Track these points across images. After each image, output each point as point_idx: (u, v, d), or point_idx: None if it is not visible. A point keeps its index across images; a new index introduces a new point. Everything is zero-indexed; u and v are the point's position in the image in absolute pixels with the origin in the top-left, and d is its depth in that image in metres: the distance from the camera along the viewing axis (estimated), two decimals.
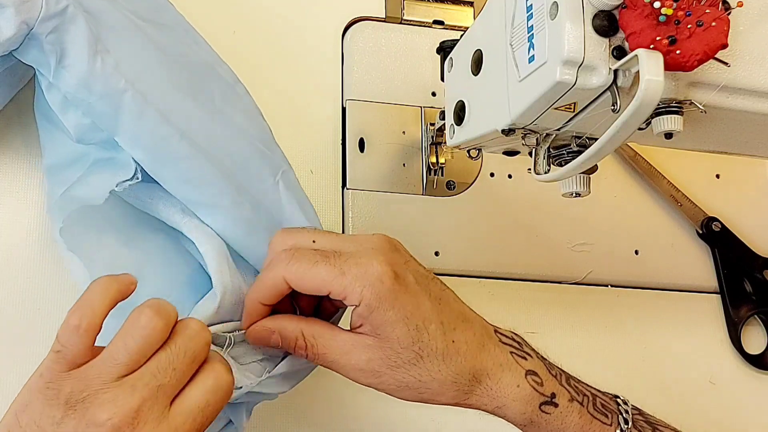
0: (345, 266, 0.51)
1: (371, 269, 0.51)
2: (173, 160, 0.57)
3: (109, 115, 0.56)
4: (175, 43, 0.62)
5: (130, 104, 0.56)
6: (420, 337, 0.52)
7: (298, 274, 0.52)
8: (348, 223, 0.73)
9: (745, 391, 0.78)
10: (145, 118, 0.57)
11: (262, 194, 0.60)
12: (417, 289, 0.53)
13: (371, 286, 0.51)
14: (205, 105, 0.60)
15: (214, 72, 0.64)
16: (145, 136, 0.57)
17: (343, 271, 0.51)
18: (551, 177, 0.56)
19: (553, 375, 0.56)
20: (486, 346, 0.54)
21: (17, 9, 0.54)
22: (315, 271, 0.51)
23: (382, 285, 0.51)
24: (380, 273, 0.51)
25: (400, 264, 0.53)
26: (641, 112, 0.46)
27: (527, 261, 0.77)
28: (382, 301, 0.51)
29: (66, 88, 0.57)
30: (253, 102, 0.65)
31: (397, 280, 0.52)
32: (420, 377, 0.52)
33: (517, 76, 0.53)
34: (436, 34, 0.80)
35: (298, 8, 0.79)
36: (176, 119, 0.58)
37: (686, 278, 0.80)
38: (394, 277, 0.52)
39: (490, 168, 0.78)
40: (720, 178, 0.84)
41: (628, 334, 0.77)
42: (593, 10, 0.48)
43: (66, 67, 0.56)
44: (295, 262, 0.52)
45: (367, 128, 0.77)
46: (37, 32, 0.55)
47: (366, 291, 0.51)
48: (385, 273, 0.51)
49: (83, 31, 0.56)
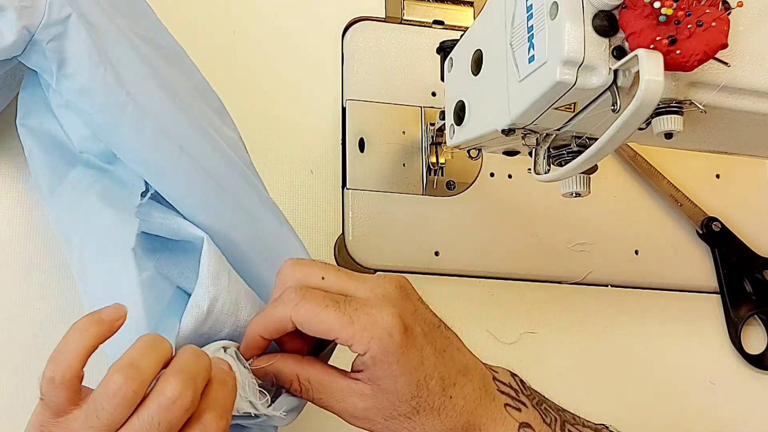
0: (355, 315, 0.50)
1: (381, 321, 0.50)
2: (174, 174, 0.57)
3: (109, 127, 0.56)
4: (171, 66, 0.62)
5: (131, 117, 0.56)
6: (419, 393, 0.52)
7: (307, 317, 0.51)
8: (348, 223, 0.73)
9: (745, 391, 0.78)
10: (146, 132, 0.57)
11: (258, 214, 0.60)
12: (423, 342, 0.52)
13: (379, 339, 0.50)
14: (199, 126, 0.60)
15: (205, 99, 0.64)
16: (146, 149, 0.57)
17: (352, 320, 0.50)
18: (551, 177, 0.56)
19: (547, 423, 0.56)
20: (483, 400, 0.54)
21: (19, 13, 0.54)
22: (323, 316, 0.50)
23: (391, 339, 0.50)
24: (390, 326, 0.50)
25: (409, 314, 0.52)
26: (641, 112, 0.46)
27: (527, 261, 0.77)
28: (388, 355, 0.50)
29: (68, 96, 0.57)
30: (237, 133, 0.65)
31: (406, 334, 0.51)
32: (413, 430, 0.52)
33: (517, 76, 0.53)
34: (436, 34, 0.80)
35: (298, 8, 0.79)
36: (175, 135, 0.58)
37: (686, 278, 0.80)
38: (403, 330, 0.51)
39: (490, 168, 0.78)
40: (720, 178, 0.84)
41: (628, 334, 0.77)
42: (593, 10, 0.48)
43: (67, 75, 0.56)
44: (305, 303, 0.51)
45: (367, 128, 0.77)
46: (38, 39, 0.55)
47: (373, 343, 0.50)
48: (395, 327, 0.50)
49: (85, 41, 0.56)
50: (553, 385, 0.73)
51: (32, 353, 0.62)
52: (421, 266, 0.74)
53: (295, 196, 0.73)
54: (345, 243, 0.73)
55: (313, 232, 0.73)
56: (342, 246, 0.73)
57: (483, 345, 0.73)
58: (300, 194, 0.74)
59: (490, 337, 0.74)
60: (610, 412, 0.74)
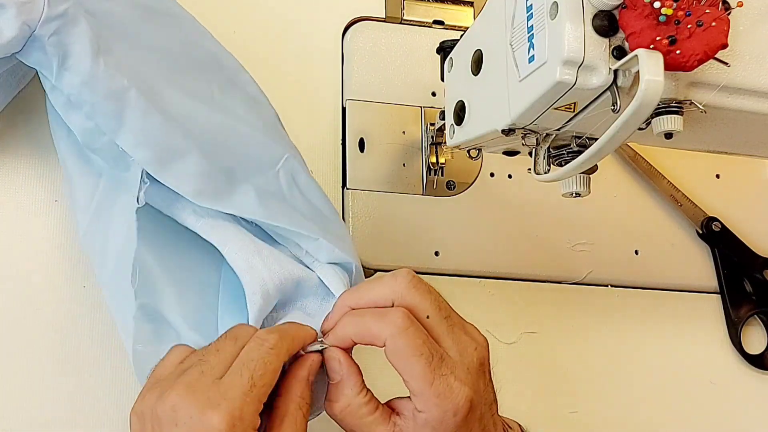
0: (438, 380, 0.50)
1: (454, 399, 0.51)
2: (179, 156, 0.57)
3: (112, 115, 0.56)
4: (179, 34, 0.62)
5: (134, 102, 0.56)
6: None
7: (399, 353, 0.51)
8: (348, 223, 0.73)
9: (745, 391, 0.78)
10: (149, 116, 0.57)
11: (264, 185, 0.60)
12: (474, 425, 0.53)
13: (443, 412, 0.51)
14: (204, 99, 0.60)
15: (217, 62, 0.63)
16: (150, 133, 0.57)
17: (432, 381, 0.50)
18: (551, 177, 0.56)
19: None
20: None
21: (18, 10, 0.54)
22: (413, 362, 0.51)
23: (453, 418, 0.51)
24: (458, 407, 0.51)
25: (479, 393, 0.53)
26: (641, 112, 0.46)
27: (527, 261, 0.77)
28: (442, 427, 0.51)
29: (69, 90, 0.56)
30: (257, 89, 0.64)
31: (468, 416, 0.51)
32: None
33: (517, 76, 0.53)
34: (436, 34, 0.80)
35: (298, 8, 0.79)
36: (178, 116, 0.58)
37: (686, 278, 0.80)
38: (467, 413, 0.51)
39: (490, 168, 0.78)
40: (720, 178, 0.84)
41: (628, 334, 0.77)
42: (593, 10, 0.48)
43: (69, 68, 0.56)
44: (403, 338, 0.51)
45: (367, 128, 0.77)
46: (39, 34, 0.55)
47: (436, 411, 0.51)
48: (461, 409, 0.51)
49: (85, 32, 0.56)
50: (553, 385, 0.74)
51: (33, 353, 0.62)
52: (421, 266, 0.74)
53: None
54: None
55: None
56: None
57: None
58: None
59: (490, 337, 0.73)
60: (610, 412, 0.74)
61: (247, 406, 0.47)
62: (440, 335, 0.53)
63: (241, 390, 0.47)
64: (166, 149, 0.57)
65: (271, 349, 0.50)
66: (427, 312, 0.53)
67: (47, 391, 0.61)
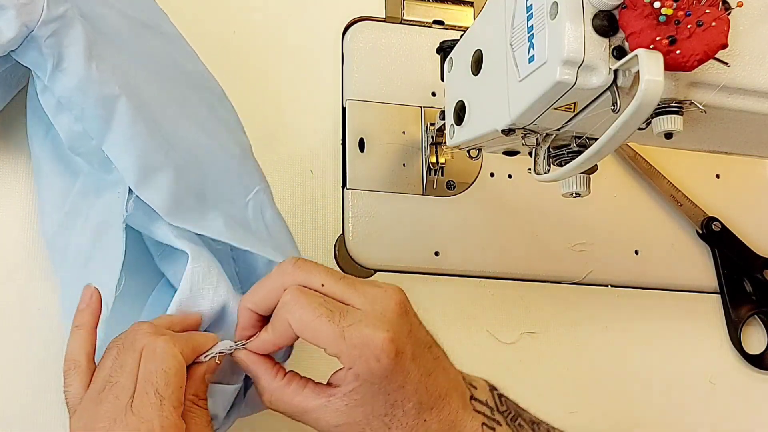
0: (348, 330, 0.50)
1: (372, 343, 0.50)
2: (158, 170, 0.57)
3: (101, 120, 0.56)
4: (170, 51, 0.62)
5: (123, 110, 0.57)
6: (394, 412, 0.52)
7: (302, 323, 0.51)
8: (348, 223, 0.73)
9: (745, 391, 0.78)
10: (136, 126, 0.57)
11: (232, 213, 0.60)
12: (410, 366, 0.52)
13: (367, 361, 0.50)
14: (191, 116, 0.60)
15: (203, 84, 0.64)
16: (135, 143, 0.57)
17: (343, 335, 0.50)
18: (551, 177, 0.56)
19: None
20: (458, 423, 0.54)
21: (18, 11, 0.54)
22: (316, 325, 0.50)
23: (378, 364, 0.50)
24: (380, 350, 0.50)
25: (403, 335, 0.52)
26: (641, 112, 0.46)
27: (527, 261, 0.77)
28: (372, 377, 0.51)
29: (61, 92, 0.57)
30: (236, 117, 0.65)
31: (395, 359, 0.51)
32: None
33: (517, 76, 0.53)
34: (436, 34, 0.80)
35: (298, 8, 0.79)
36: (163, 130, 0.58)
37: (686, 278, 0.80)
38: (393, 355, 0.51)
39: (490, 168, 0.78)
40: (720, 178, 0.84)
41: (628, 334, 0.77)
42: (593, 10, 0.48)
43: (63, 70, 0.56)
44: (299, 309, 0.51)
45: (367, 128, 0.77)
46: (36, 35, 0.55)
47: (360, 363, 0.50)
48: (384, 351, 0.50)
49: (81, 36, 0.56)
50: (553, 385, 0.74)
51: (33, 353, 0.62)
52: (421, 266, 0.74)
53: (295, 196, 0.73)
54: (345, 243, 0.73)
55: (313, 232, 0.73)
56: (342, 246, 0.73)
57: (483, 345, 0.73)
58: (300, 194, 0.74)
59: (490, 337, 0.74)
60: (610, 412, 0.74)
61: (165, 420, 0.48)
62: (342, 294, 0.53)
63: (153, 408, 0.48)
64: (146, 162, 0.57)
65: (165, 354, 0.50)
66: (320, 281, 0.53)
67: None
